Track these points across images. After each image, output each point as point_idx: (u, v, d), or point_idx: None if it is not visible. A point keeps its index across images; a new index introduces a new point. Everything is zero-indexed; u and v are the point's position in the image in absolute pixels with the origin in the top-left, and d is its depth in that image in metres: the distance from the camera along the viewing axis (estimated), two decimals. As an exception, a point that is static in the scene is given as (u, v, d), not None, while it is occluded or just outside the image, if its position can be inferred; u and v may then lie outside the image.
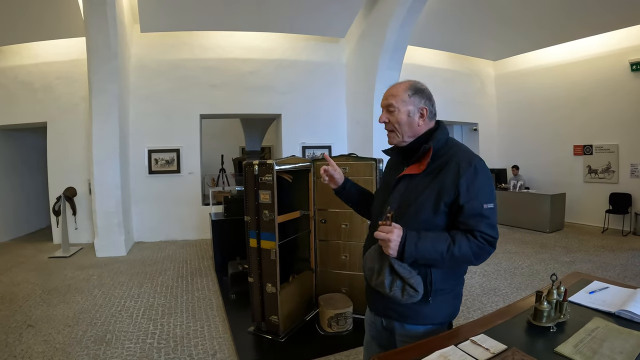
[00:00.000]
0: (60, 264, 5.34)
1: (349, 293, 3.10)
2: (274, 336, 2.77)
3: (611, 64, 7.21)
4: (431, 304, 1.31)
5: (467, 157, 1.29)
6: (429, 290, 1.29)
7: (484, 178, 1.26)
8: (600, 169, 7.48)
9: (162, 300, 3.93)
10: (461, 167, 1.25)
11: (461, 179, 1.24)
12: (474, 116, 9.27)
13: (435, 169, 1.30)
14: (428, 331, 1.36)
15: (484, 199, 1.24)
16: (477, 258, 1.25)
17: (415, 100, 1.36)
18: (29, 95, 6.48)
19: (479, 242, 1.23)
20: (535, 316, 1.39)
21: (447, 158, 1.30)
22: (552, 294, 1.42)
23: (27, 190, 7.55)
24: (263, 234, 2.66)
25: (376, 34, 6.36)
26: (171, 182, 6.91)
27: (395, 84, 1.41)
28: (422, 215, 1.28)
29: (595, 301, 1.59)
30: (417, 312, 1.33)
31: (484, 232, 1.23)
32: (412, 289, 1.24)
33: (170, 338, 3.09)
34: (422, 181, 1.31)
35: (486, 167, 1.30)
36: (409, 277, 1.24)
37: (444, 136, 1.36)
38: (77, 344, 3.03)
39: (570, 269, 4.82)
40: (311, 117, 7.55)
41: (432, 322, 1.36)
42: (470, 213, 1.23)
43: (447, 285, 1.33)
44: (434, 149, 1.32)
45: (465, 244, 1.22)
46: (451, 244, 1.21)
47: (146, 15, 6.15)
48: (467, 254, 1.22)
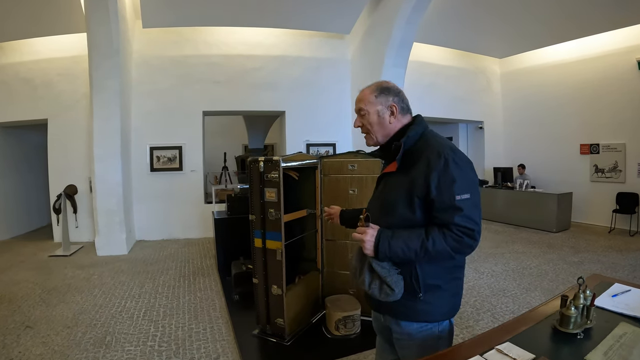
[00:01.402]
0: (60, 262, 5.27)
1: (357, 294, 3.00)
2: (280, 339, 2.69)
3: (618, 62, 7.10)
4: (423, 300, 1.29)
5: (436, 149, 1.26)
6: (417, 286, 1.27)
7: (455, 169, 1.22)
8: (607, 169, 7.37)
9: (164, 301, 3.84)
10: (431, 160, 1.24)
11: (432, 173, 1.22)
12: (480, 114, 9.17)
13: (408, 164, 1.30)
14: (423, 329, 1.33)
15: (456, 190, 1.20)
16: (456, 252, 1.21)
17: (382, 99, 1.37)
18: (29, 92, 6.40)
19: (455, 236, 1.19)
20: (561, 322, 1.32)
21: (420, 152, 1.29)
22: (578, 298, 1.35)
23: (27, 188, 7.48)
24: (268, 234, 2.57)
25: (382, 30, 6.26)
26: (173, 179, 6.83)
27: (363, 88, 1.43)
28: (399, 212, 1.28)
29: (619, 305, 1.53)
30: (410, 309, 1.31)
31: (458, 224, 1.19)
32: (389, 288, 1.24)
33: (171, 340, 3.00)
34: (398, 178, 1.32)
35: (459, 157, 1.25)
36: (386, 275, 1.24)
37: (418, 131, 1.35)
38: (76, 346, 2.95)
39: (579, 270, 4.73)
40: (315, 114, 7.46)
41: (426, 319, 1.32)
42: (442, 206, 1.21)
43: (439, 281, 1.30)
44: (405, 145, 1.31)
45: (440, 239, 1.19)
46: (425, 240, 1.20)
47: (148, 11, 6.06)
48: (442, 249, 1.19)
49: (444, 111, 8.52)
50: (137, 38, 6.69)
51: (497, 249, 5.86)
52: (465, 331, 3.10)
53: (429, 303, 1.30)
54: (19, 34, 6.15)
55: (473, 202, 1.22)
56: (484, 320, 3.32)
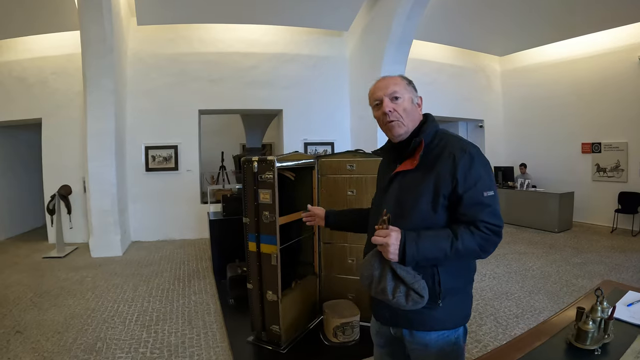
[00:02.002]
0: (54, 264, 5.17)
1: (356, 299, 2.91)
2: (275, 347, 2.58)
3: (620, 59, 7.01)
4: (441, 307, 1.22)
5: (460, 145, 1.22)
6: (438, 291, 1.21)
7: (480, 165, 1.19)
8: (609, 168, 7.28)
9: (157, 305, 3.74)
10: (456, 155, 1.19)
11: (458, 168, 1.17)
12: (480, 113, 9.07)
13: (429, 161, 1.24)
14: (441, 337, 1.26)
15: (483, 187, 1.17)
16: (483, 250, 1.16)
17: (411, 89, 1.32)
18: (23, 90, 6.29)
19: (483, 233, 1.15)
20: (577, 337, 1.23)
21: (440, 149, 1.24)
22: (596, 311, 1.26)
23: (22, 188, 7.38)
24: (263, 237, 2.47)
25: (381, 26, 6.15)
26: (169, 179, 6.72)
27: (386, 76, 1.34)
28: (421, 212, 1.21)
29: (636, 315, 1.45)
30: (428, 317, 1.24)
31: (486, 221, 1.15)
32: (417, 294, 1.15)
33: (164, 347, 2.90)
34: (417, 176, 1.24)
35: (482, 154, 1.23)
36: (413, 281, 1.15)
37: (433, 128, 1.30)
38: (66, 352, 2.86)
39: (582, 271, 4.64)
40: (313, 112, 7.35)
41: (444, 326, 1.26)
42: (470, 202, 1.16)
43: (458, 283, 1.26)
44: (425, 142, 1.26)
45: (469, 237, 1.14)
46: (454, 239, 1.14)
47: (143, 8, 5.94)
48: (472, 247, 1.14)
49: (443, 109, 8.41)
50: (132, 36, 6.57)
51: (499, 249, 5.73)
52: (468, 337, 2.98)
53: (447, 310, 1.24)
54: (13, 32, 6.04)
55: (496, 199, 1.20)
56: (487, 325, 3.22)
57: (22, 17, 5.61)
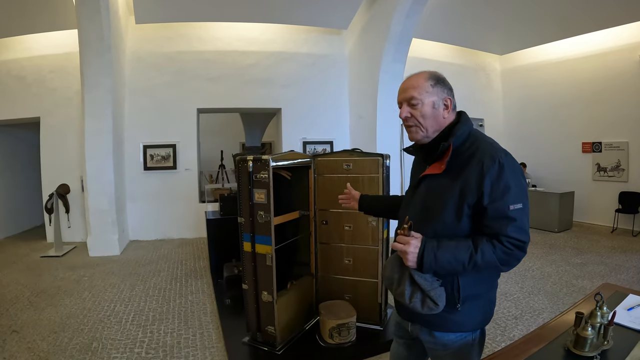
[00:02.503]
0: (51, 263, 5.16)
1: (353, 300, 2.88)
2: (271, 348, 2.56)
3: (621, 58, 6.95)
4: (460, 311, 1.22)
5: (490, 152, 1.15)
6: (457, 297, 1.20)
7: (510, 175, 1.13)
8: (609, 167, 7.23)
9: (154, 305, 3.73)
10: (485, 164, 1.13)
11: (485, 178, 1.12)
12: (480, 112, 9.01)
13: (456, 167, 1.19)
14: (459, 338, 1.27)
15: (510, 199, 1.11)
16: (504, 264, 1.13)
17: (438, 90, 1.24)
18: (22, 89, 6.27)
19: (506, 248, 1.11)
20: (576, 343, 1.20)
21: (470, 154, 1.19)
22: (595, 316, 1.23)
23: (21, 187, 7.36)
24: (258, 237, 2.44)
25: (380, 24, 6.11)
26: (167, 178, 6.70)
27: (412, 75, 1.29)
28: (445, 220, 1.19)
29: (637, 320, 1.41)
30: (446, 320, 1.24)
31: (510, 236, 1.10)
32: (432, 302, 1.15)
33: (159, 347, 2.89)
34: (444, 182, 1.21)
35: (514, 162, 1.16)
36: (430, 289, 1.15)
37: (465, 130, 1.23)
38: (62, 352, 2.84)
39: (582, 271, 4.61)
40: (312, 111, 7.31)
41: (461, 329, 1.26)
42: (495, 215, 1.12)
43: (478, 290, 1.23)
44: (454, 145, 1.20)
45: (489, 251, 1.11)
46: (473, 252, 1.11)
47: (141, 6, 5.91)
48: (491, 261, 1.11)
49: (444, 108, 8.37)
50: (131, 34, 6.54)
51: (498, 249, 5.74)
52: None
53: (466, 314, 1.23)
54: (11, 30, 6.01)
55: (526, 212, 1.14)
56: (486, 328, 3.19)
57: (20, 16, 5.58)
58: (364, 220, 2.78)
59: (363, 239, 2.81)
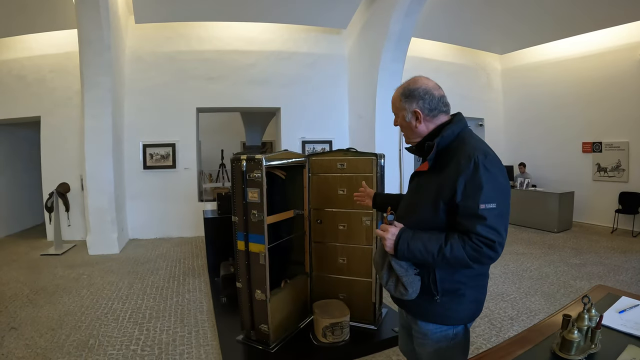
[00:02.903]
0: (51, 261, 5.19)
1: (347, 299, 2.88)
2: (264, 346, 2.57)
3: (621, 58, 6.92)
4: (440, 303, 1.27)
5: (469, 152, 1.20)
6: (435, 289, 1.26)
7: (485, 175, 1.15)
8: (609, 167, 7.21)
9: (151, 303, 3.75)
10: (461, 163, 1.18)
11: (460, 176, 1.17)
12: (480, 111, 9.00)
13: (440, 165, 1.26)
14: (438, 330, 1.33)
15: (482, 199, 1.14)
16: (473, 261, 1.16)
17: (407, 105, 1.34)
18: (22, 88, 6.31)
19: (475, 245, 1.14)
20: (562, 346, 1.18)
21: (453, 154, 1.24)
22: (582, 319, 1.20)
23: (22, 186, 7.41)
24: (251, 236, 2.45)
25: (379, 24, 6.10)
26: (167, 177, 6.73)
27: (397, 88, 1.40)
28: (423, 213, 1.27)
29: (628, 323, 1.38)
30: (427, 310, 1.32)
31: (480, 234, 1.14)
32: (403, 287, 1.26)
33: (155, 345, 2.91)
34: (428, 178, 1.30)
35: (492, 163, 1.19)
36: (403, 275, 1.25)
37: (454, 130, 1.30)
38: (59, 349, 2.87)
39: (580, 272, 4.60)
40: (311, 111, 7.32)
41: (442, 322, 1.32)
42: (466, 213, 1.16)
43: (458, 286, 1.27)
44: (440, 145, 1.27)
45: (459, 247, 1.15)
46: (443, 245, 1.17)
47: (141, 6, 5.94)
48: (460, 256, 1.15)
49: (444, 108, 8.36)
50: (130, 34, 6.57)
51: (497, 249, 5.72)
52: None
53: (445, 307, 1.28)
54: (11, 30, 6.06)
55: (499, 212, 1.16)
56: (480, 327, 3.18)
57: (20, 15, 5.62)
58: (358, 220, 2.78)
59: (357, 238, 2.81)
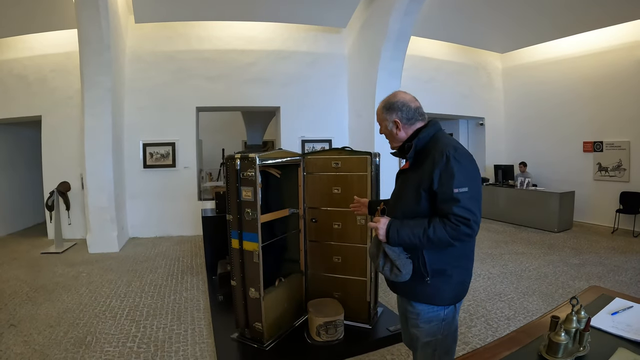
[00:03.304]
0: (51, 260, 5.23)
1: (342, 298, 2.89)
2: (258, 344, 2.58)
3: (622, 57, 6.88)
4: (430, 284, 1.46)
5: (441, 149, 1.42)
6: (425, 271, 1.46)
7: (455, 165, 1.38)
8: (610, 167, 7.16)
9: (149, 301, 3.77)
10: (435, 158, 1.41)
11: (435, 168, 1.39)
12: (481, 110, 8.98)
13: (418, 162, 1.49)
14: (430, 310, 1.51)
15: (455, 184, 1.36)
16: (454, 239, 1.35)
17: (388, 115, 1.58)
18: (23, 88, 6.36)
19: (454, 225, 1.34)
20: (548, 348, 1.16)
21: (428, 152, 1.46)
22: (570, 321, 1.19)
23: (24, 185, 7.46)
24: (245, 235, 2.46)
25: (379, 22, 6.10)
26: (166, 176, 6.75)
27: (380, 102, 1.64)
28: (407, 204, 1.49)
29: (619, 325, 1.36)
30: (419, 291, 1.50)
31: (456, 214, 1.34)
32: (397, 269, 1.44)
33: (151, 342, 2.93)
34: (409, 174, 1.53)
35: (461, 155, 1.41)
36: (396, 259, 1.44)
37: (429, 132, 1.52)
38: (57, 345, 2.89)
39: (579, 272, 4.58)
40: (311, 110, 7.33)
41: (432, 302, 1.50)
42: (443, 197, 1.37)
43: (444, 267, 1.46)
44: (417, 146, 1.50)
45: (440, 228, 1.35)
46: (427, 228, 1.37)
47: (140, 6, 5.96)
48: (443, 236, 1.35)
49: (443, 107, 8.35)
50: (130, 34, 6.59)
51: (496, 249, 5.71)
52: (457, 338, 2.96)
53: (435, 287, 1.47)
54: (13, 30, 6.10)
55: (471, 195, 1.36)
56: (477, 327, 3.17)
57: (20, 15, 5.65)
58: (353, 219, 2.78)
59: (352, 237, 2.82)
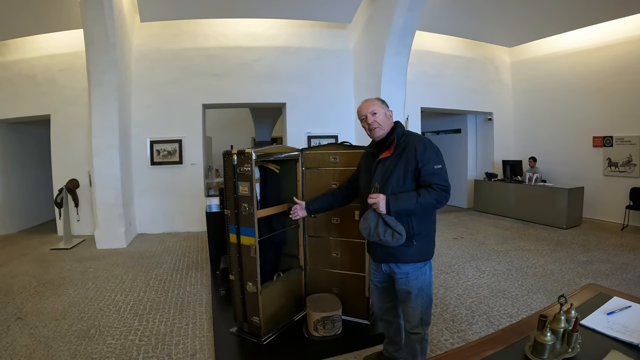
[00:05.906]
0: (60, 255, 5.34)
1: (340, 294, 2.88)
2: (256, 338, 2.60)
3: (634, 50, 6.70)
4: (415, 245, 1.91)
5: (418, 139, 1.95)
6: (412, 234, 1.90)
7: (430, 149, 1.90)
8: (620, 162, 7.01)
9: (153, 295, 3.83)
10: (416, 146, 1.90)
11: (417, 152, 1.88)
12: (489, 105, 8.85)
13: (400, 151, 1.95)
14: (415, 268, 1.97)
15: (434, 162, 1.87)
16: (438, 202, 1.83)
17: (384, 108, 2.06)
18: (32, 88, 6.48)
19: (436, 191, 1.82)
20: (534, 349, 1.11)
21: (406, 143, 1.96)
22: (558, 320, 1.13)
23: (33, 182, 7.61)
24: (242, 229, 2.47)
25: (383, 17, 6.04)
26: (173, 173, 6.83)
27: (368, 99, 2.10)
28: (396, 182, 1.90)
29: (615, 326, 1.29)
30: (407, 254, 1.93)
31: (438, 183, 1.83)
32: (398, 234, 1.83)
33: (152, 335, 2.97)
34: (393, 160, 1.95)
35: (432, 143, 1.94)
36: (395, 225, 1.84)
37: (401, 130, 2.03)
38: (61, 338, 2.96)
39: (586, 270, 4.49)
40: (317, 105, 7.31)
41: (417, 259, 1.96)
42: (427, 172, 1.86)
43: (423, 229, 1.93)
44: (398, 138, 1.98)
45: (428, 194, 1.81)
46: (418, 196, 1.82)
47: (145, 4, 6.00)
48: (430, 200, 1.81)
49: (451, 102, 8.26)
50: (136, 32, 6.66)
51: (502, 245, 5.64)
52: (457, 335, 2.93)
53: (419, 247, 1.93)
54: (22, 31, 6.20)
55: (444, 170, 1.89)
56: (478, 325, 3.13)
57: (28, 17, 5.74)
58: (351, 214, 2.78)
59: (350, 232, 2.80)
